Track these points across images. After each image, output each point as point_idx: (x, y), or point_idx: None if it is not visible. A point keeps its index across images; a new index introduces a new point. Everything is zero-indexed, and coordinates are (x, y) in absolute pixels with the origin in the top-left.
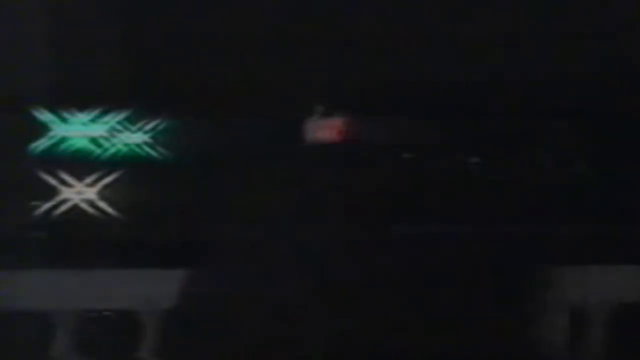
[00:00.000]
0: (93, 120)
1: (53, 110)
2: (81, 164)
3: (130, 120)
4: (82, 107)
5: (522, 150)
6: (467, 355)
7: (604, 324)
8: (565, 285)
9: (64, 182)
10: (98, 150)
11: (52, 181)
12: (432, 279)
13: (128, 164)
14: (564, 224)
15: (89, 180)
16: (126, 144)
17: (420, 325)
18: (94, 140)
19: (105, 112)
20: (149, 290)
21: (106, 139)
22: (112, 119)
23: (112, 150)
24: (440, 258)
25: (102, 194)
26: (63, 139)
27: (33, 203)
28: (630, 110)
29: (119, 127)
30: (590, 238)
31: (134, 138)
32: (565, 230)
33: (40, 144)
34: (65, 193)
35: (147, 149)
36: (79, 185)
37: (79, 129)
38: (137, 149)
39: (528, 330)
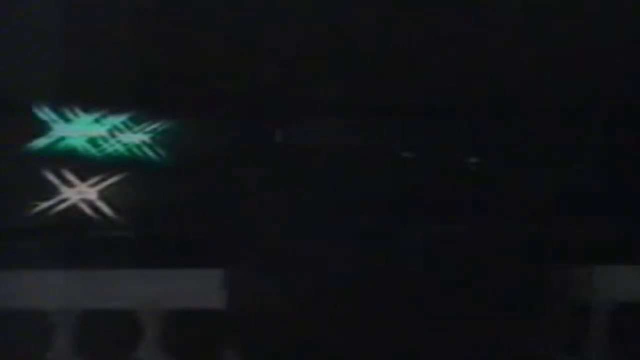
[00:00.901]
0: (97, 121)
1: (57, 109)
2: (77, 163)
3: (134, 121)
4: (87, 107)
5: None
6: (467, 355)
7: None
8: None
9: (65, 181)
10: (94, 150)
11: (50, 180)
12: (434, 278)
13: (125, 164)
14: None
15: (88, 179)
16: (124, 144)
17: (422, 325)
18: (92, 140)
19: (109, 113)
20: (148, 290)
21: (104, 139)
22: (116, 119)
23: (109, 150)
24: (442, 257)
25: (101, 194)
26: (61, 139)
27: (28, 202)
28: None
29: (121, 126)
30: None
31: (134, 138)
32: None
33: (38, 143)
34: (66, 192)
35: (145, 149)
36: (79, 185)
37: (80, 129)
38: (135, 150)
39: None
